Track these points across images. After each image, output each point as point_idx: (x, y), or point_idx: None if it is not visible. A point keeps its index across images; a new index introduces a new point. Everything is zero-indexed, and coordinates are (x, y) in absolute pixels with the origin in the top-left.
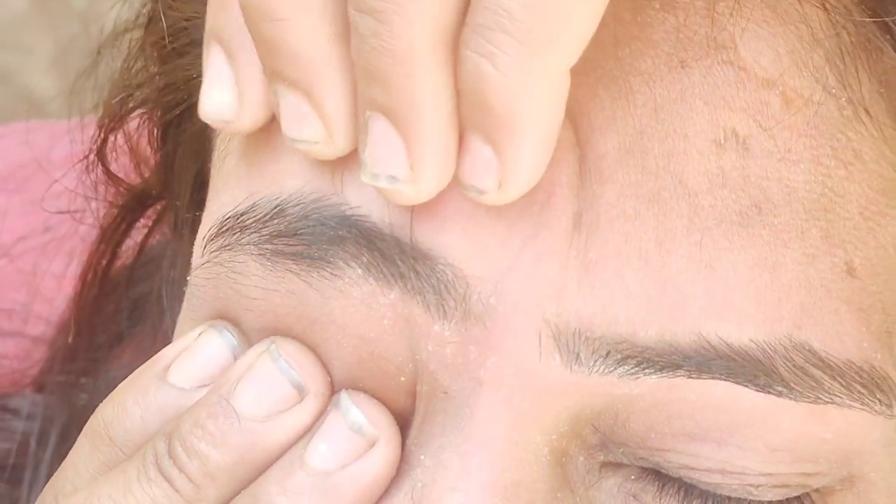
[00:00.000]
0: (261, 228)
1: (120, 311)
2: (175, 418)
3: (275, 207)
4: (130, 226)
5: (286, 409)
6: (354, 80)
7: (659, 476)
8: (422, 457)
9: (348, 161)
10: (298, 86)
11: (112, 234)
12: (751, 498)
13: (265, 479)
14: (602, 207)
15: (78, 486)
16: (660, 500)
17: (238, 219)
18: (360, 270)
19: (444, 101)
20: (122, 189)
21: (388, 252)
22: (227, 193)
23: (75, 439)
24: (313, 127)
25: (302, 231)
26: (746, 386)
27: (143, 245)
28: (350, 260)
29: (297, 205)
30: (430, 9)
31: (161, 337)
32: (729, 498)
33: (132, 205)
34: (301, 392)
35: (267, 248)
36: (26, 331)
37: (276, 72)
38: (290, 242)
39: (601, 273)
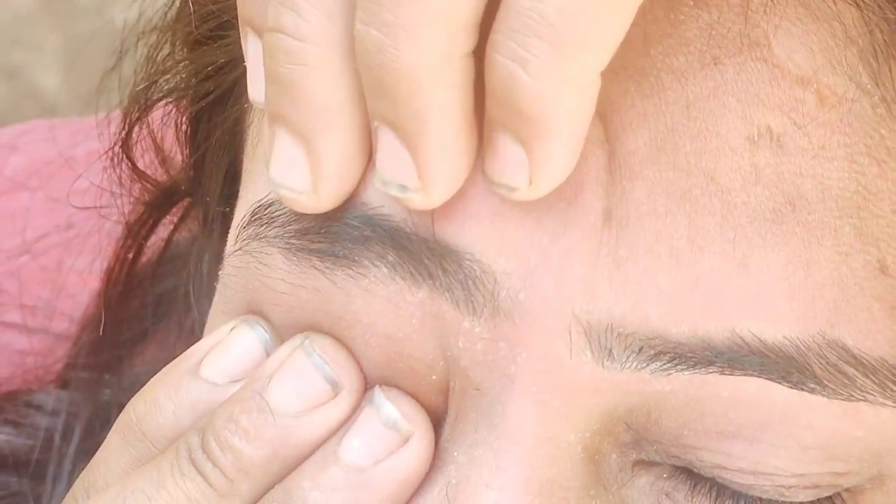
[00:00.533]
0: (288, 223)
1: (145, 307)
2: (208, 413)
3: None
4: (157, 222)
5: (320, 405)
6: (360, 139)
7: (691, 475)
8: (455, 453)
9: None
10: (300, 134)
11: (138, 231)
12: (782, 499)
13: (298, 474)
14: (632, 204)
15: (110, 481)
16: (692, 499)
17: (267, 208)
18: (385, 270)
19: (452, 115)
20: (148, 185)
21: (415, 250)
22: (261, 180)
23: (99, 435)
24: (302, 178)
25: (327, 229)
26: (779, 383)
27: (168, 241)
28: (375, 259)
29: None
30: (437, 24)
31: (185, 334)
32: (760, 499)
33: (158, 201)
34: (335, 388)
35: (293, 243)
36: (50, 327)
37: (280, 114)
38: (316, 239)
39: (632, 270)
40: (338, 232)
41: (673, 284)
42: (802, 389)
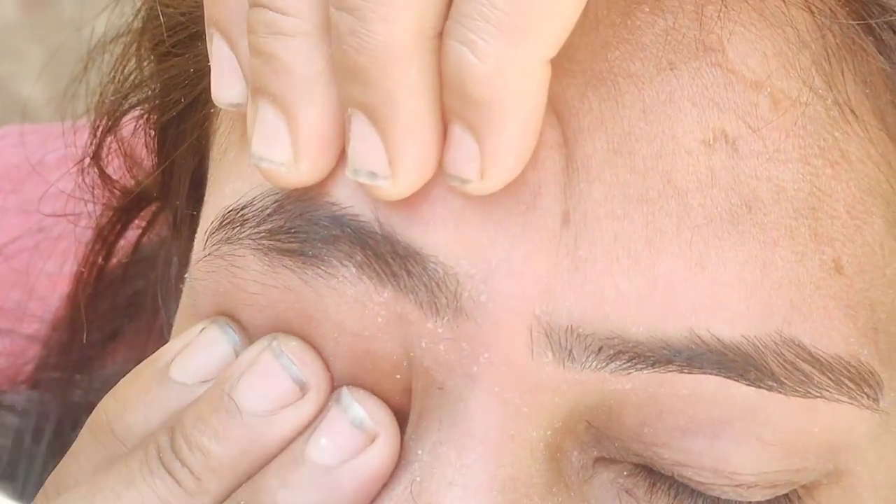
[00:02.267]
0: (260, 224)
1: (115, 308)
2: (177, 413)
3: (274, 202)
4: (125, 226)
5: (287, 405)
6: (338, 113)
7: (651, 473)
8: (419, 452)
9: (339, 161)
10: (281, 103)
11: (108, 234)
12: (741, 500)
13: (266, 473)
14: (590, 206)
15: (80, 479)
16: (651, 496)
17: (239, 212)
18: (353, 269)
19: (421, 99)
20: (116, 191)
21: (380, 251)
22: (229, 186)
23: (70, 435)
24: (283, 148)
25: (297, 229)
26: (738, 380)
27: (137, 244)
28: (344, 259)
29: (296, 202)
30: (409, 7)
31: (155, 335)
32: (719, 500)
33: (127, 206)
34: (302, 388)
35: (264, 244)
36: (21, 329)
37: (262, 86)
38: (287, 239)
39: (591, 271)
40: (308, 231)
41: (631, 285)
42: (760, 387)
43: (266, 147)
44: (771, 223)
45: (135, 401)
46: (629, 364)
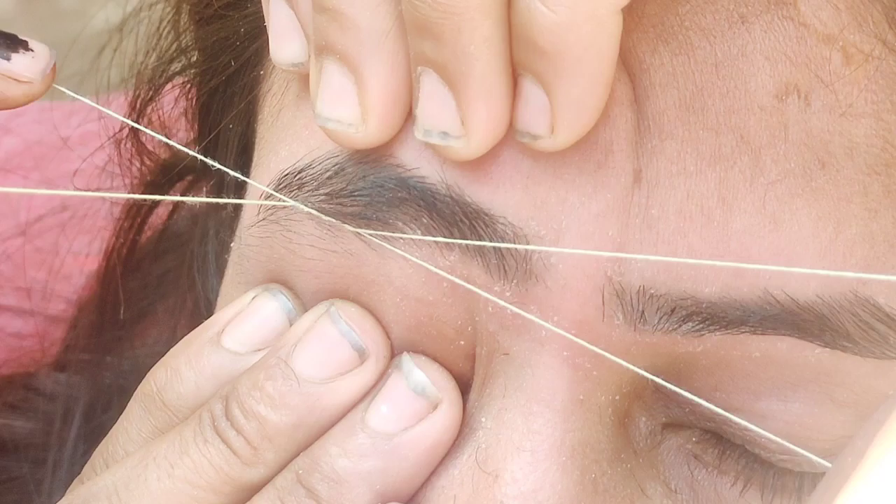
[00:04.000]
0: (319, 187)
1: (145, 287)
2: (231, 382)
3: (334, 165)
4: (158, 201)
5: (346, 372)
6: (408, 68)
7: (720, 440)
8: (483, 419)
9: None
10: (348, 61)
11: (138, 210)
12: (813, 471)
13: (325, 440)
14: (662, 164)
15: (129, 450)
16: (720, 463)
17: (296, 175)
18: (419, 232)
19: (494, 53)
20: (150, 164)
21: (448, 213)
22: (284, 148)
23: (101, 418)
24: (350, 107)
25: (359, 192)
26: (812, 342)
27: (169, 219)
28: (410, 221)
29: (357, 164)
30: None
31: (186, 314)
32: (790, 472)
33: (160, 180)
34: (361, 355)
35: (324, 208)
36: (46, 310)
37: (328, 44)
38: (349, 203)
39: (663, 229)
40: (371, 194)
41: (704, 244)
42: (835, 348)
43: (332, 107)
44: (844, 179)
45: (186, 370)
46: (702, 326)
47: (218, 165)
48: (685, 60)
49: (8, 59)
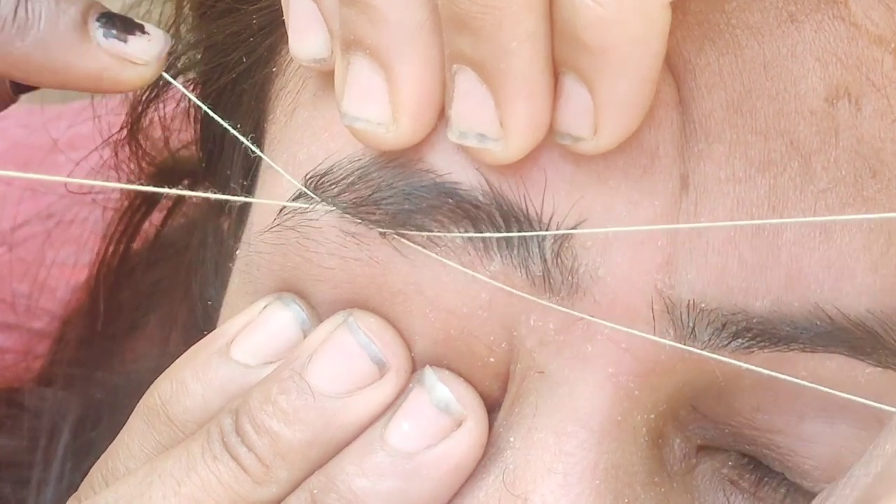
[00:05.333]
0: (341, 193)
1: (137, 297)
2: (241, 395)
3: (358, 170)
4: (152, 207)
5: (364, 386)
6: (441, 66)
7: (759, 466)
8: (511, 439)
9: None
10: (379, 56)
11: (132, 215)
12: None
13: (342, 459)
14: (710, 169)
15: (131, 467)
16: (757, 490)
17: (319, 181)
18: (458, 241)
19: (536, 51)
20: (147, 167)
21: (485, 221)
22: (302, 151)
23: (90, 434)
24: (380, 106)
25: (387, 200)
26: (863, 360)
27: (163, 226)
28: (442, 230)
29: (382, 168)
30: None
31: (179, 326)
32: None
33: (155, 183)
34: (381, 368)
35: (348, 214)
36: (29, 324)
37: (356, 39)
38: (375, 210)
39: (714, 239)
40: (399, 201)
41: (755, 255)
42: (887, 367)
43: (361, 106)
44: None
45: (192, 382)
46: (751, 342)
47: (276, 168)
48: (732, 60)
49: (125, 41)
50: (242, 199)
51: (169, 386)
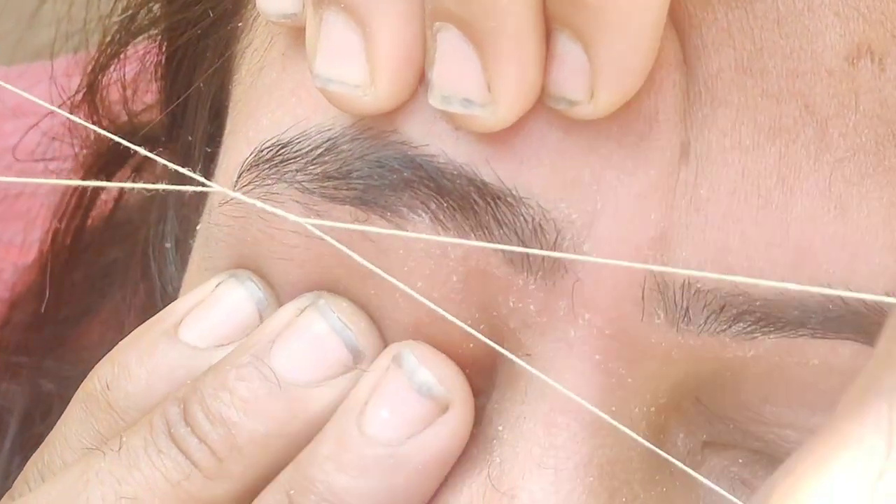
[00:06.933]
0: (307, 165)
1: (90, 279)
2: (190, 381)
3: (326, 141)
4: (110, 177)
5: (338, 375)
6: (422, 22)
7: (772, 462)
8: (500, 428)
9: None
10: (355, 11)
11: (84, 190)
12: None
13: (315, 453)
14: (714, 136)
15: (68, 460)
16: None
17: (279, 150)
18: (427, 219)
19: (527, 7)
20: (107, 132)
21: (463, 196)
22: (266, 115)
23: (39, 427)
24: (356, 66)
25: (357, 173)
26: None
27: (119, 199)
28: (416, 207)
29: (353, 140)
30: None
31: (136, 310)
32: None
33: (117, 149)
34: (356, 356)
35: (314, 189)
36: None
37: None
38: (343, 185)
39: (713, 213)
40: (370, 175)
41: (760, 231)
42: None
43: (335, 66)
44: None
45: (136, 366)
46: (754, 327)
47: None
48: (742, 15)
49: None
50: (191, 188)
51: (110, 370)
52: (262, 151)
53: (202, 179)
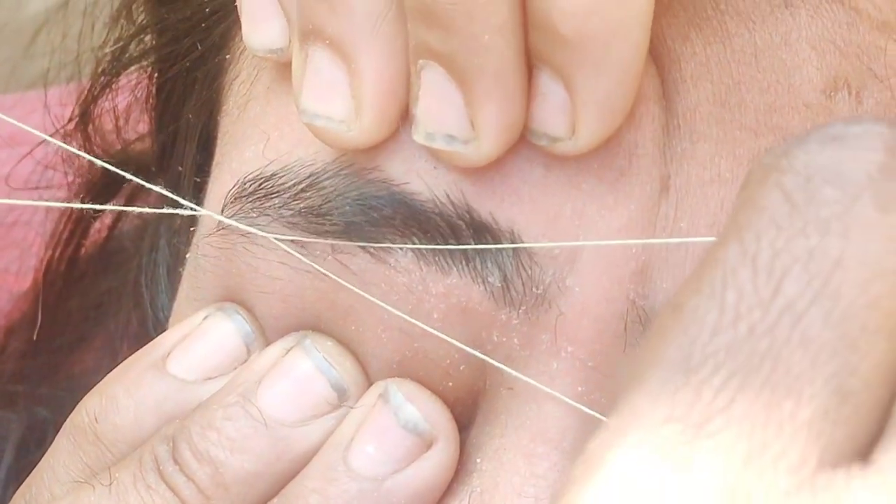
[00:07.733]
0: (289, 201)
1: (84, 308)
2: (177, 418)
3: (308, 176)
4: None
5: (323, 414)
6: (406, 59)
7: None
8: (478, 460)
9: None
10: (340, 48)
11: (81, 214)
12: None
13: (302, 486)
14: (693, 169)
15: (56, 493)
16: None
17: (262, 184)
18: (410, 255)
19: (509, 45)
20: (100, 161)
21: (445, 231)
22: (250, 148)
23: (34, 455)
24: (341, 101)
25: (338, 210)
26: None
27: (114, 227)
28: (399, 243)
29: (335, 176)
30: None
31: (131, 339)
32: None
33: (108, 180)
34: (341, 395)
35: (297, 222)
36: None
37: (315, 28)
38: (324, 221)
39: (694, 246)
40: (352, 213)
41: None
42: None
43: (320, 101)
44: None
45: (124, 398)
46: None
47: None
48: (720, 49)
49: None
50: (177, 211)
51: (98, 402)
52: (245, 184)
53: (191, 204)
